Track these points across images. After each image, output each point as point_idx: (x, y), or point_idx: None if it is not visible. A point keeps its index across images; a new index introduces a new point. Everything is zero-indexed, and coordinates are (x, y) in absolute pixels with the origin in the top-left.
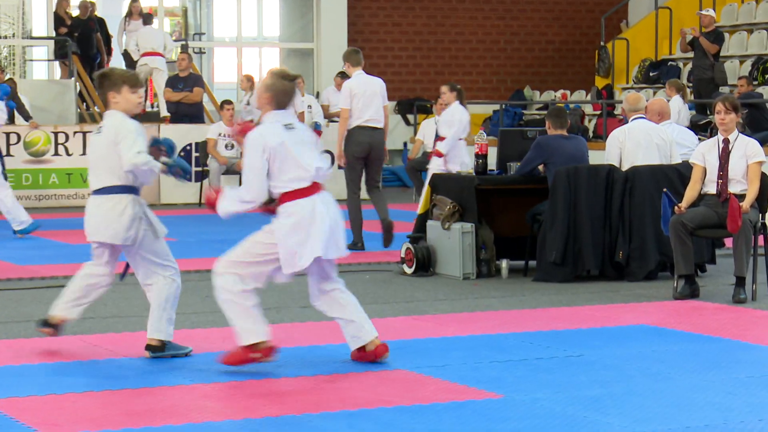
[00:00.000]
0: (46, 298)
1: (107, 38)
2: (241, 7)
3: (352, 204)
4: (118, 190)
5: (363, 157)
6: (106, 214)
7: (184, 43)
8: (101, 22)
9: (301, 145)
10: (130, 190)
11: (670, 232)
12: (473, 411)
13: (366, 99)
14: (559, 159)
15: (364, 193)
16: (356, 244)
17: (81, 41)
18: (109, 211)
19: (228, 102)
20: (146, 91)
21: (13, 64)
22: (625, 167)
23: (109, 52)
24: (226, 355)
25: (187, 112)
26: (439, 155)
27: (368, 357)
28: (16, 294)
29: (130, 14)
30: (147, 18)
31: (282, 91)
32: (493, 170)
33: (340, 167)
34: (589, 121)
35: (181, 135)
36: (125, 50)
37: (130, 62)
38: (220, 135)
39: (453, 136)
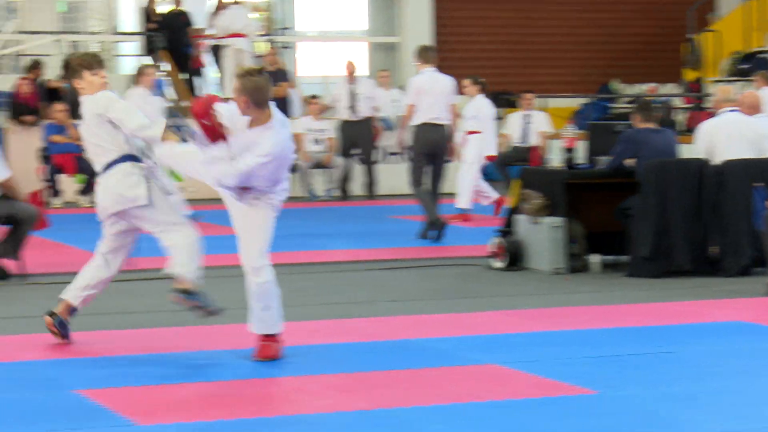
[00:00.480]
0: (142, 290)
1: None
2: (326, 1)
3: (418, 193)
4: (119, 160)
5: (427, 153)
6: (115, 186)
7: (269, 37)
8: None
9: None
10: (131, 158)
11: (764, 226)
12: (566, 407)
13: (433, 97)
14: (648, 152)
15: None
16: (435, 222)
17: (171, 35)
18: (117, 182)
19: (314, 97)
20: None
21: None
22: (716, 161)
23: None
24: (263, 350)
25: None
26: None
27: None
28: (111, 285)
29: (218, 8)
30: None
31: (253, 88)
32: (581, 164)
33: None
34: (678, 114)
35: None
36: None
37: (218, 54)
38: (308, 130)
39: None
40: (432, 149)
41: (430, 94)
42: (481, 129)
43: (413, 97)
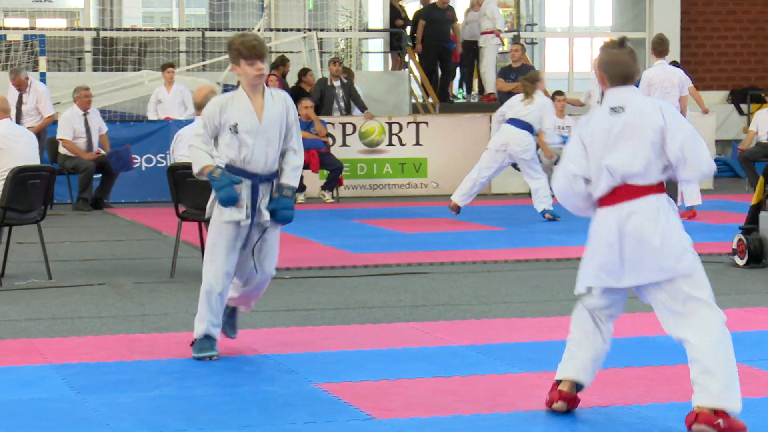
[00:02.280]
0: (379, 286)
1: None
2: None
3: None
4: None
5: None
6: None
7: (516, 33)
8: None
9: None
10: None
11: None
12: None
13: (663, 90)
14: None
15: None
16: None
17: (435, 29)
18: None
19: (559, 93)
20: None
21: (350, 56)
22: None
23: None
24: None
25: None
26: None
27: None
28: (351, 281)
29: (472, 6)
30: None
31: (608, 62)
32: None
33: None
34: None
35: None
36: (464, 40)
37: (470, 51)
38: (553, 126)
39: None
40: None
41: (660, 87)
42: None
43: (644, 89)
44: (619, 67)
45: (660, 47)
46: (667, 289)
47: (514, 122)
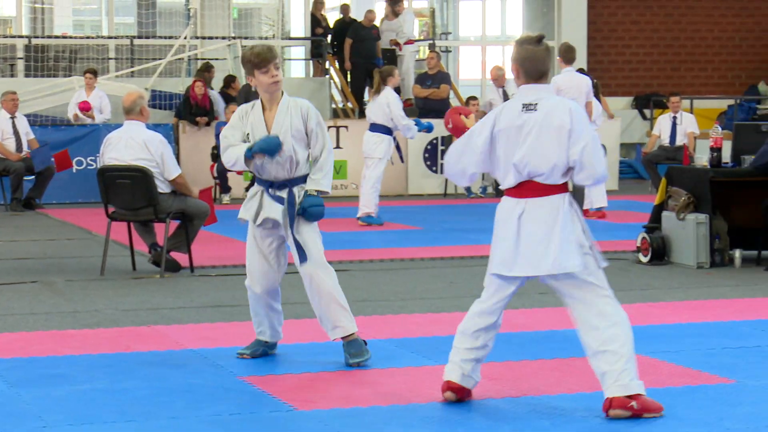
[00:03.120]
0: (300, 283)
1: None
2: (486, 7)
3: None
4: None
5: None
6: None
7: (431, 42)
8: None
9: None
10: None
11: None
12: (706, 395)
13: (570, 96)
14: None
15: None
16: None
17: (361, 48)
18: None
19: (473, 98)
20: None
21: None
22: None
23: None
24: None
25: (434, 108)
26: None
27: None
28: None
29: (386, 15)
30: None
31: (525, 58)
32: (727, 163)
33: None
34: None
35: None
36: (381, 49)
37: (387, 59)
38: None
39: None
40: None
41: (567, 93)
42: None
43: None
44: (535, 63)
45: (568, 55)
46: (568, 282)
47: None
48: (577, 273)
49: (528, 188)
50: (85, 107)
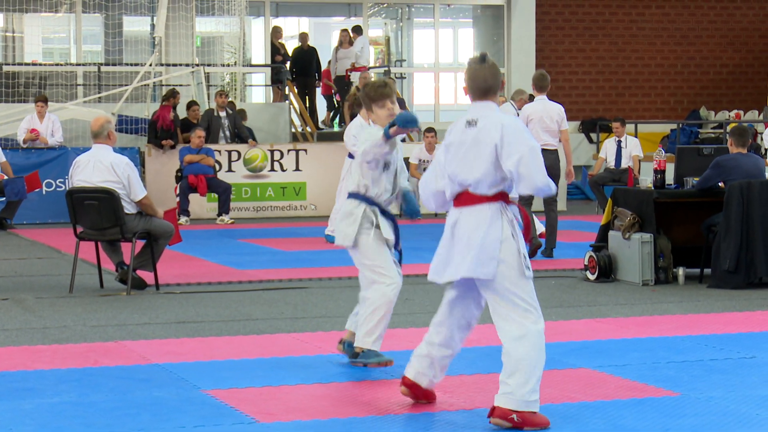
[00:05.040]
0: (262, 300)
1: (318, 65)
2: (438, 36)
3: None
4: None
5: None
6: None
7: (387, 68)
8: (314, 52)
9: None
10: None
11: None
12: (652, 408)
13: (543, 123)
14: (737, 176)
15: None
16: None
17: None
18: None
19: (429, 130)
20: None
21: (235, 89)
22: None
23: (320, 77)
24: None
25: None
26: None
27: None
28: (236, 296)
29: (341, 43)
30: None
31: (470, 76)
32: (670, 185)
33: None
34: (762, 139)
35: None
36: (336, 75)
37: (342, 86)
38: (420, 161)
39: None
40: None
41: (539, 122)
42: None
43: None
44: (477, 81)
45: (541, 83)
46: (491, 293)
47: None
48: (492, 281)
49: (463, 198)
50: (32, 135)
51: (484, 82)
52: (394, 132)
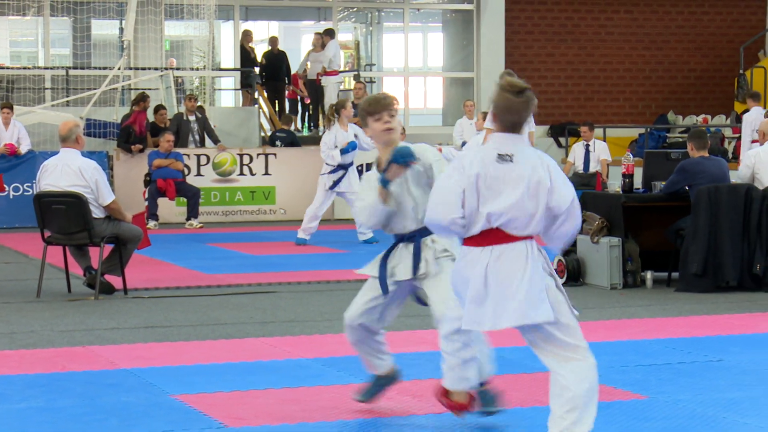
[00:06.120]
0: (231, 304)
1: (288, 69)
2: (408, 40)
3: None
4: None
5: None
6: None
7: (356, 72)
8: (284, 56)
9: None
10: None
11: None
12: (620, 411)
13: None
14: (703, 180)
15: None
16: None
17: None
18: None
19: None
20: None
21: (204, 93)
22: (761, 186)
23: (290, 81)
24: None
25: None
26: None
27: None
28: (205, 300)
29: (314, 48)
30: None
31: (503, 107)
32: (638, 189)
33: None
34: (729, 143)
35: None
36: (307, 79)
37: (314, 89)
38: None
39: None
40: None
41: None
42: None
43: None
44: (511, 114)
45: None
46: (538, 334)
47: None
48: (545, 324)
49: (494, 236)
50: (5, 149)
51: (519, 116)
52: (393, 174)
